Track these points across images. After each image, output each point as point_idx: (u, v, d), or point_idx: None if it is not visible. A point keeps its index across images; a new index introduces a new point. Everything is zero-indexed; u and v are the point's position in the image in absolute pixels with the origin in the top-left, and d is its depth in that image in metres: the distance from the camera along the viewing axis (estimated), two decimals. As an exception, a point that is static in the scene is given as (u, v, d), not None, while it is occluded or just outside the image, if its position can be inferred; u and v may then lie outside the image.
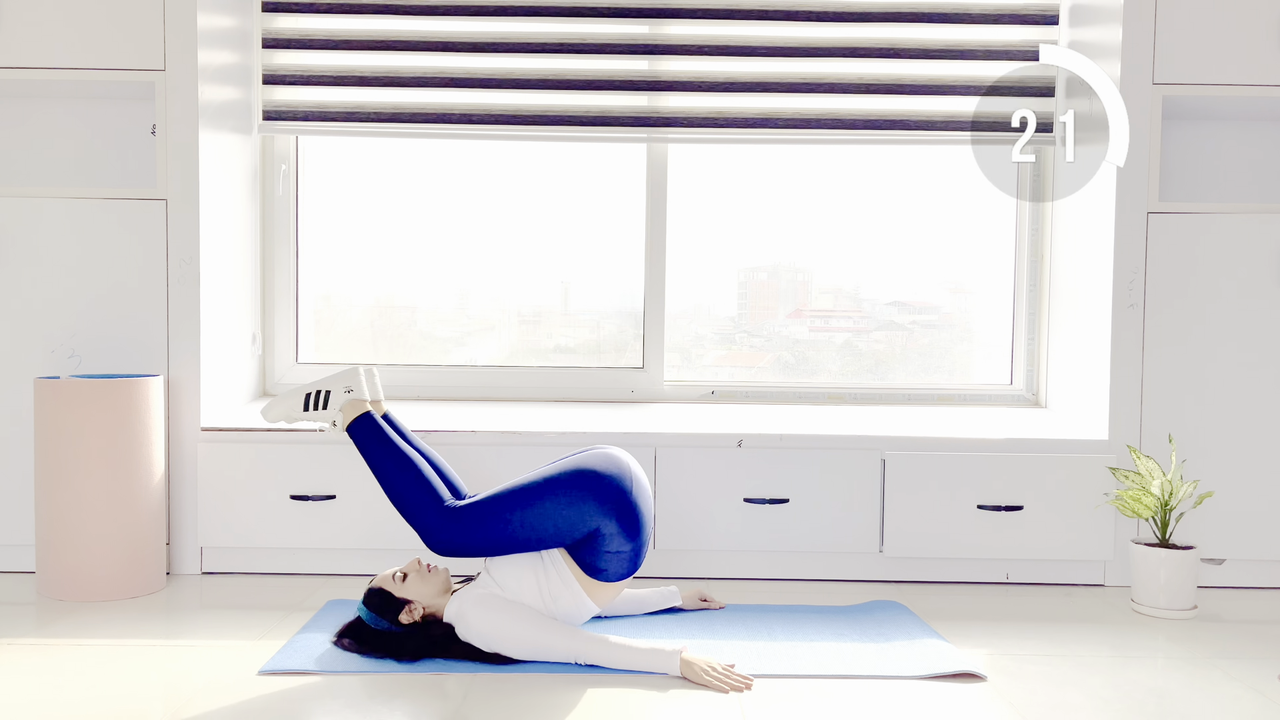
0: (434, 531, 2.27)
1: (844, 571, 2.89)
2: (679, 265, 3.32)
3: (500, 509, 2.23)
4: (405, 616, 2.20)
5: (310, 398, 2.49)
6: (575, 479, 2.21)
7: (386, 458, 2.36)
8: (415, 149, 3.33)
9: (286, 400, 2.50)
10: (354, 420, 2.44)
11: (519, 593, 2.20)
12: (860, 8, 3.13)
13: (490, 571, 2.25)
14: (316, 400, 2.48)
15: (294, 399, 2.50)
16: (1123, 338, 2.85)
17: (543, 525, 2.19)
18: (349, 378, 2.49)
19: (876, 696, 2.03)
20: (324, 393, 2.49)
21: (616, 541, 2.20)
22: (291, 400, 2.50)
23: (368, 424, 2.43)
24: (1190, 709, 2.00)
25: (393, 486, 2.34)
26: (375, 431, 2.41)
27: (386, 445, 2.39)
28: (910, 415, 3.12)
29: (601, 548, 2.20)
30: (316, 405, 2.48)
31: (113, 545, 2.60)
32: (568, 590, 2.21)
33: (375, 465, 2.38)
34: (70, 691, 2.01)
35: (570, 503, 2.19)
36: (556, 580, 2.21)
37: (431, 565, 2.27)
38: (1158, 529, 2.68)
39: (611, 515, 2.19)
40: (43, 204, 2.80)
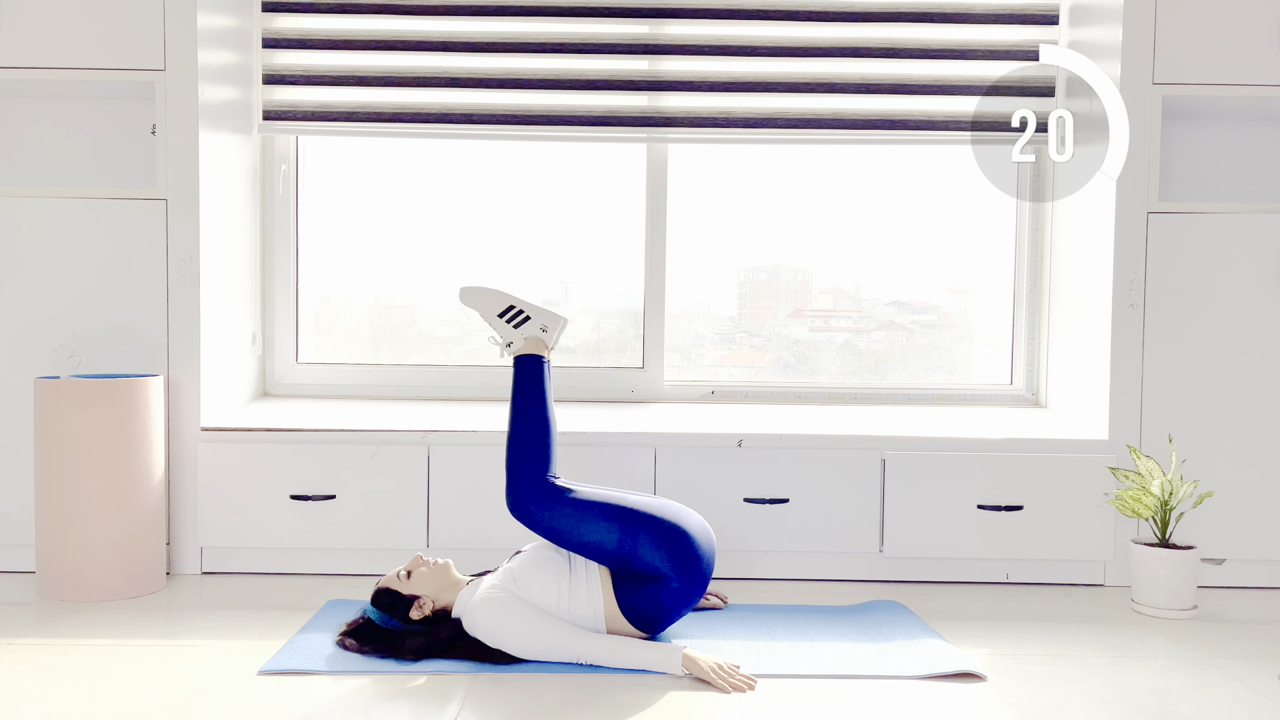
0: (523, 492, 2.30)
1: (844, 571, 2.89)
2: (679, 265, 3.32)
3: (588, 511, 2.25)
4: (415, 612, 2.20)
5: (510, 311, 2.50)
6: (665, 529, 2.24)
7: (533, 406, 2.39)
8: (415, 149, 3.33)
9: (491, 296, 2.51)
10: (531, 355, 2.46)
11: (538, 598, 2.20)
12: (861, 8, 3.13)
13: (514, 571, 2.24)
14: (515, 316, 2.50)
15: (496, 300, 2.51)
16: (1123, 337, 2.85)
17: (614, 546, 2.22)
18: (551, 319, 2.52)
19: (876, 696, 2.03)
20: (524, 315, 2.50)
21: (670, 598, 2.22)
22: (494, 300, 2.51)
23: (538, 366, 2.45)
24: (1190, 709, 2.00)
25: (520, 434, 2.36)
26: (540, 377, 2.44)
27: (540, 395, 2.41)
28: (910, 415, 3.12)
29: (655, 593, 2.21)
30: (511, 320, 2.50)
31: (113, 545, 2.60)
32: (590, 610, 2.21)
33: (519, 407, 2.40)
34: (70, 691, 2.01)
35: (649, 544, 2.21)
36: (583, 597, 2.21)
37: (434, 560, 2.26)
38: (1158, 529, 2.68)
39: (681, 576, 2.22)
40: (43, 204, 2.80)
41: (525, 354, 2.47)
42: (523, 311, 2.50)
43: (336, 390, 3.28)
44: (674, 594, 2.22)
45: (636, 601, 2.21)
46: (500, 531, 2.81)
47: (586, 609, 2.21)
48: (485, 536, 2.81)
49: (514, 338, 2.50)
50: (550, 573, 2.22)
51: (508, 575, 2.23)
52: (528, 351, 2.47)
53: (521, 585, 2.20)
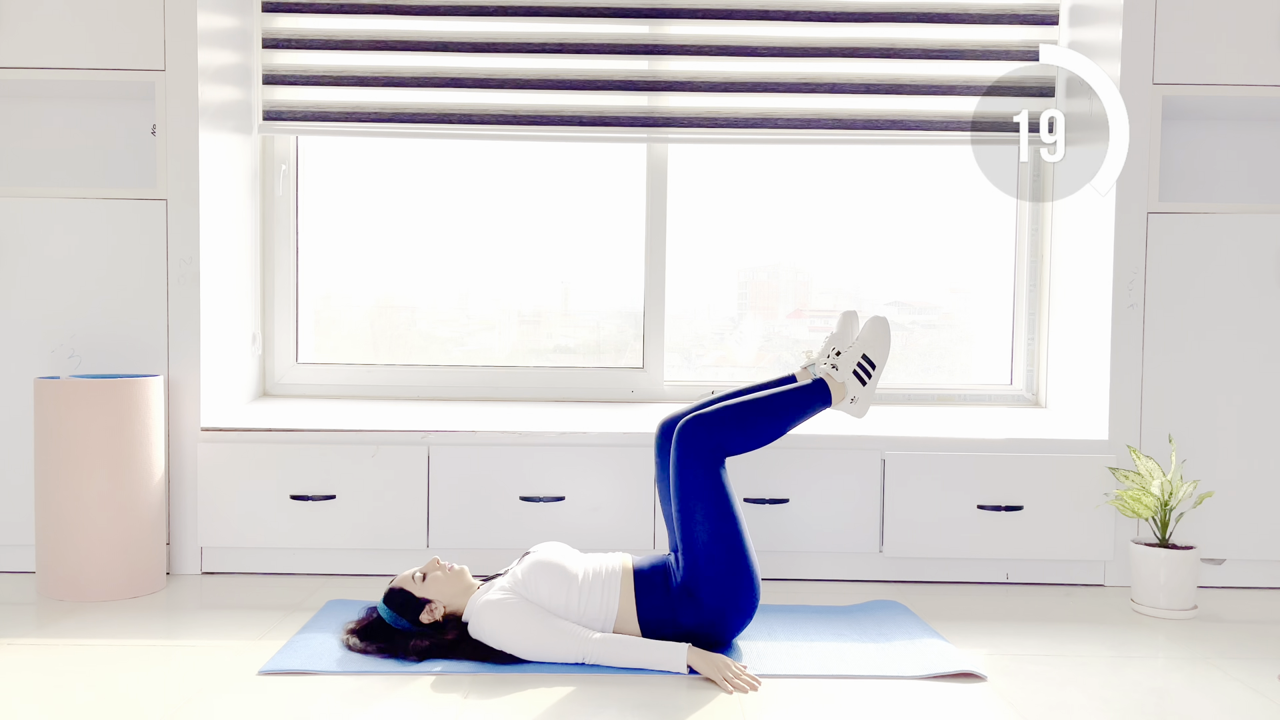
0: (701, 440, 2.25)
1: (844, 571, 2.89)
2: (679, 265, 3.32)
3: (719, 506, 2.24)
4: (426, 616, 2.19)
5: (872, 365, 2.42)
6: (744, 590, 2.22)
7: (782, 420, 2.36)
8: (415, 149, 3.33)
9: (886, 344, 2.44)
10: (828, 392, 2.41)
11: (547, 600, 2.18)
12: (860, 8, 3.13)
13: (522, 575, 2.22)
14: (868, 368, 2.43)
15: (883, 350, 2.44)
16: (1122, 338, 2.85)
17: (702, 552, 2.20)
18: (865, 399, 2.44)
19: (876, 696, 2.03)
20: (872, 376, 2.43)
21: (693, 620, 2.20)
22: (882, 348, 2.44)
23: (820, 405, 2.41)
24: (1190, 709, 2.00)
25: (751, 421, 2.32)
26: (809, 413, 2.40)
27: (793, 421, 2.38)
28: (910, 415, 3.12)
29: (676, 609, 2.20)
30: (862, 367, 2.43)
31: (113, 545, 2.60)
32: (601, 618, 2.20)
33: (775, 410, 2.35)
34: (70, 691, 2.01)
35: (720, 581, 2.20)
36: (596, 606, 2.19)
37: (450, 565, 2.26)
38: (1158, 529, 2.68)
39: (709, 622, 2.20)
40: (43, 204, 2.80)
41: (827, 387, 2.41)
42: (873, 375, 2.42)
43: (336, 390, 3.28)
44: (695, 618, 2.20)
45: (656, 612, 2.20)
46: (500, 532, 2.82)
47: (598, 611, 2.20)
48: (485, 536, 2.81)
49: (845, 374, 2.42)
50: (559, 577, 2.20)
51: (514, 579, 2.23)
52: (832, 386, 2.41)
53: (530, 589, 2.20)
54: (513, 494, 2.83)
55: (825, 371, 2.44)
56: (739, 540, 2.23)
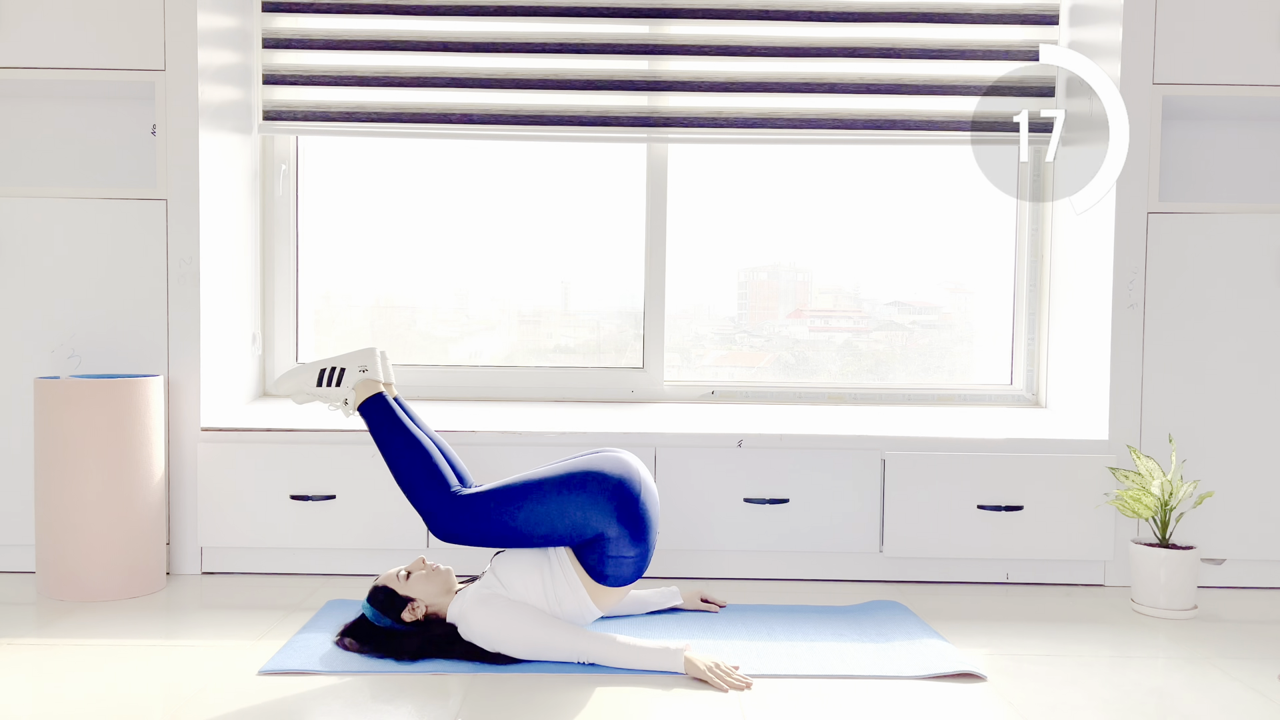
0: (439, 517, 2.26)
1: (844, 571, 2.89)
2: (679, 265, 3.32)
3: (506, 501, 2.22)
4: (408, 614, 2.20)
5: (324, 374, 2.46)
6: (584, 480, 2.20)
7: (397, 440, 2.34)
8: (415, 149, 3.33)
9: (300, 374, 2.48)
10: (367, 400, 2.42)
11: (523, 593, 2.20)
12: (860, 8, 3.13)
13: (495, 571, 2.25)
14: (330, 376, 2.46)
15: (307, 374, 2.47)
16: (1123, 337, 2.85)
17: (548, 522, 2.19)
18: (364, 357, 2.47)
19: (876, 696, 2.03)
20: (338, 370, 2.46)
21: (622, 546, 2.20)
22: (305, 375, 2.47)
23: (380, 404, 2.41)
24: (1190, 709, 2.00)
25: (402, 470, 2.32)
26: (388, 412, 2.39)
27: (398, 427, 2.36)
28: (910, 415, 3.12)
29: (606, 551, 2.20)
30: (330, 382, 2.46)
31: (113, 545, 2.60)
32: (573, 594, 2.21)
33: (386, 447, 2.35)
34: (70, 691, 2.01)
35: (577, 504, 2.18)
36: (562, 583, 2.21)
37: (435, 564, 2.26)
38: (1158, 529, 2.68)
39: (617, 519, 2.19)
40: (43, 204, 2.80)
41: (363, 401, 2.42)
42: (335, 367, 2.46)
43: (336, 390, 3.27)
44: (627, 541, 2.20)
45: (600, 564, 2.21)
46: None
47: (570, 595, 2.21)
48: (485, 536, 2.81)
49: (345, 394, 2.45)
50: (528, 564, 2.22)
51: (491, 578, 2.24)
52: (364, 397, 2.42)
53: (506, 584, 2.21)
54: (513, 494, 2.82)
55: (354, 404, 2.44)
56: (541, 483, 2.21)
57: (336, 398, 2.46)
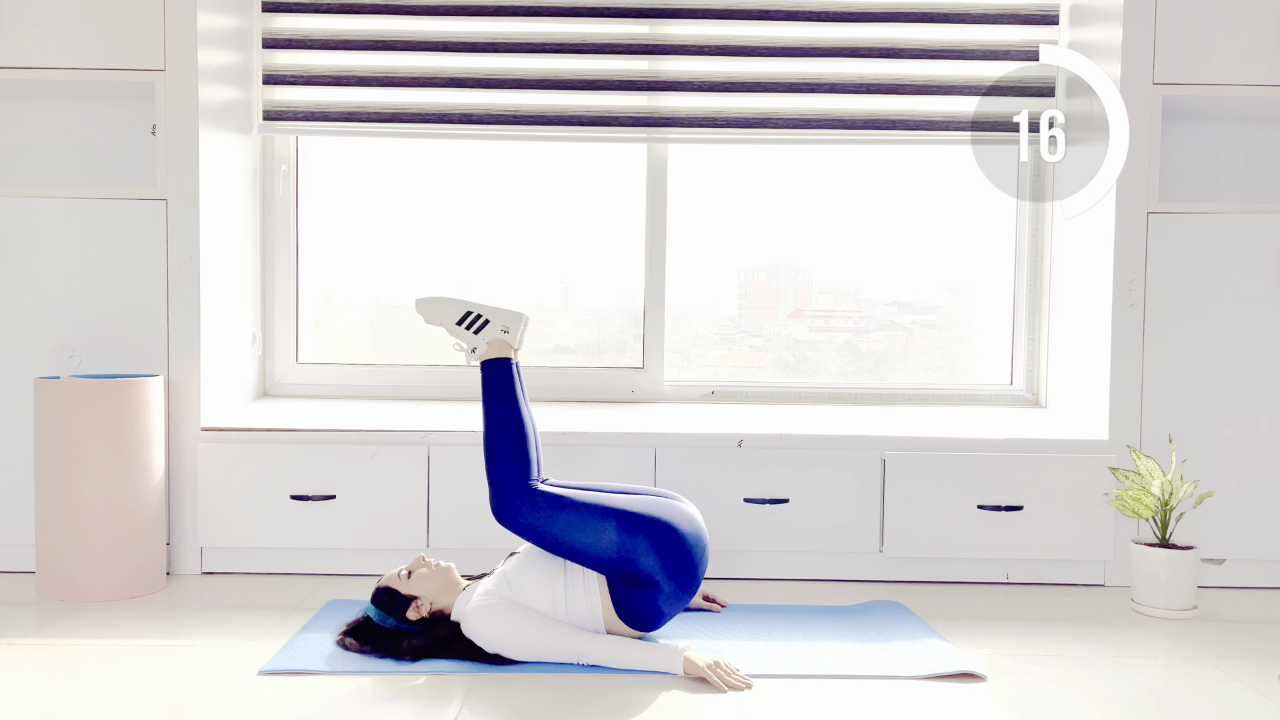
0: (507, 499, 2.26)
1: (844, 571, 2.89)
2: (679, 265, 3.32)
3: (579, 513, 2.22)
4: (413, 613, 2.20)
5: (469, 316, 2.44)
6: (659, 528, 2.20)
7: (506, 410, 2.33)
8: (415, 149, 3.33)
9: (447, 305, 2.45)
10: (496, 359, 2.40)
11: (533, 600, 2.19)
12: (860, 8, 3.13)
13: (507, 575, 2.23)
14: (473, 322, 2.44)
15: (454, 308, 2.45)
16: (1123, 338, 2.85)
17: (609, 551, 2.19)
18: (512, 319, 2.45)
19: (876, 696, 2.03)
20: (483, 319, 2.44)
21: (664, 599, 2.21)
22: (451, 308, 2.45)
23: (505, 369, 2.39)
24: (1190, 709, 2.00)
25: (496, 441, 2.31)
26: (509, 380, 2.38)
27: (511, 397, 2.35)
28: (910, 415, 3.12)
29: (646, 596, 2.20)
30: (471, 326, 2.44)
31: (113, 545, 2.60)
32: (589, 614, 2.20)
33: (491, 412, 2.34)
34: (70, 691, 2.01)
35: (645, 548, 2.18)
36: (580, 604, 2.20)
37: (436, 562, 2.26)
38: (1158, 529, 2.68)
39: (676, 578, 2.20)
40: (43, 204, 2.80)
41: (491, 358, 2.41)
42: (481, 315, 2.45)
43: (336, 390, 3.28)
44: (668, 596, 2.21)
45: (633, 606, 2.21)
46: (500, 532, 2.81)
47: (585, 611, 2.20)
48: (485, 537, 2.80)
49: (477, 343, 2.43)
50: (545, 576, 2.21)
51: (502, 579, 2.23)
52: (493, 355, 2.41)
53: (516, 589, 2.20)
54: (513, 494, 2.82)
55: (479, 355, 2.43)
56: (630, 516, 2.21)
57: (470, 343, 2.44)
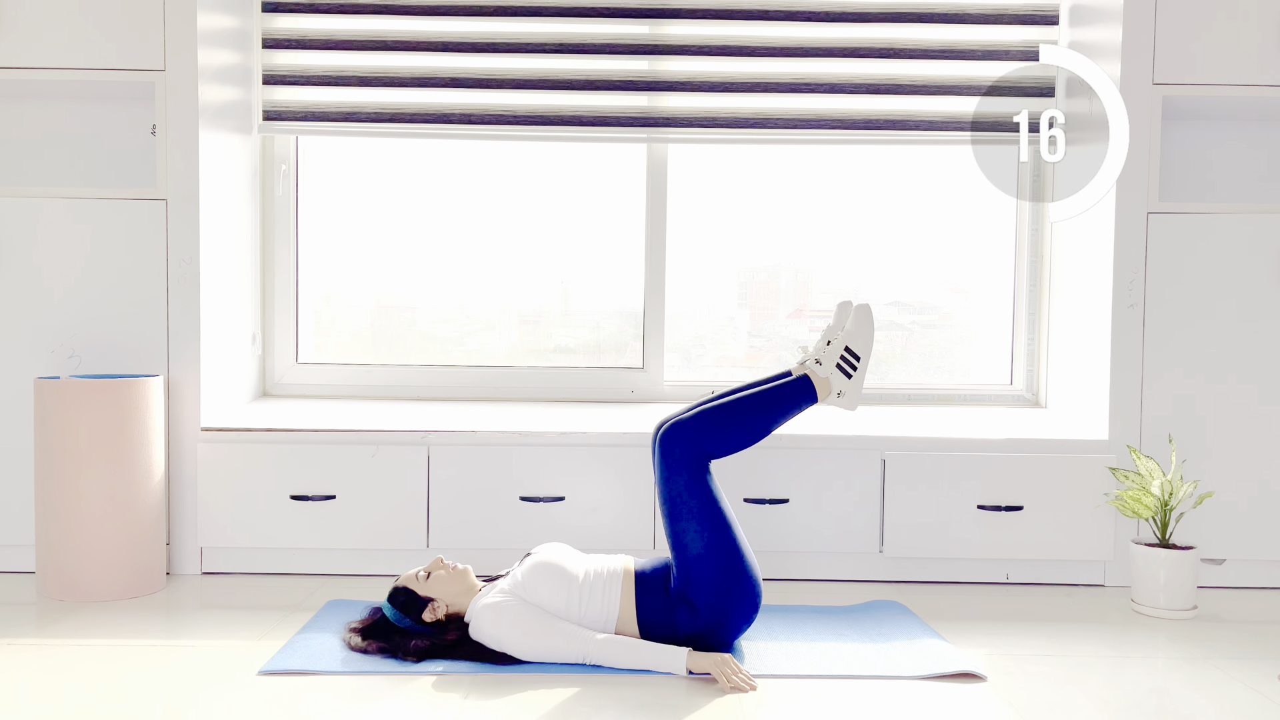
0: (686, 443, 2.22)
1: (844, 571, 2.89)
2: (679, 265, 3.32)
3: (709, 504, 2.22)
4: (429, 615, 2.19)
5: (856, 357, 2.37)
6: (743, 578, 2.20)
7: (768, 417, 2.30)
8: (415, 149, 3.33)
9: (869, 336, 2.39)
10: (812, 387, 2.36)
11: (546, 601, 2.18)
12: (860, 8, 3.13)
13: (523, 578, 2.21)
14: (852, 361, 2.37)
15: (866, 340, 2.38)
16: (1123, 338, 2.85)
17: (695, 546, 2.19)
18: (852, 393, 2.39)
19: (876, 696, 2.03)
20: (856, 370, 2.38)
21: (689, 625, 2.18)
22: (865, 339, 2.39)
23: (806, 400, 2.35)
24: (1190, 709, 2.00)
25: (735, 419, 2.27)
26: (796, 409, 2.34)
27: (780, 418, 2.32)
28: (910, 415, 3.12)
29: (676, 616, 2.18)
30: (846, 360, 2.38)
31: (113, 545, 2.60)
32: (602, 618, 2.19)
33: (760, 406, 2.29)
34: (70, 691, 2.01)
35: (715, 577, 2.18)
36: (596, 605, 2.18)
37: (454, 564, 2.26)
38: (1158, 529, 2.68)
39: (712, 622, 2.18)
40: (43, 204, 2.80)
41: (811, 383, 2.38)
42: (859, 369, 2.37)
43: (336, 390, 3.28)
44: (693, 624, 2.19)
45: (655, 615, 2.19)
46: (500, 532, 2.82)
47: (599, 613, 2.19)
48: (485, 537, 2.82)
49: (828, 369, 2.37)
50: (559, 584, 2.19)
51: (515, 580, 2.22)
52: (816, 382, 2.37)
53: (530, 591, 2.19)
54: (513, 494, 2.83)
55: (810, 368, 2.41)
56: (733, 545, 2.21)
57: (826, 362, 2.38)
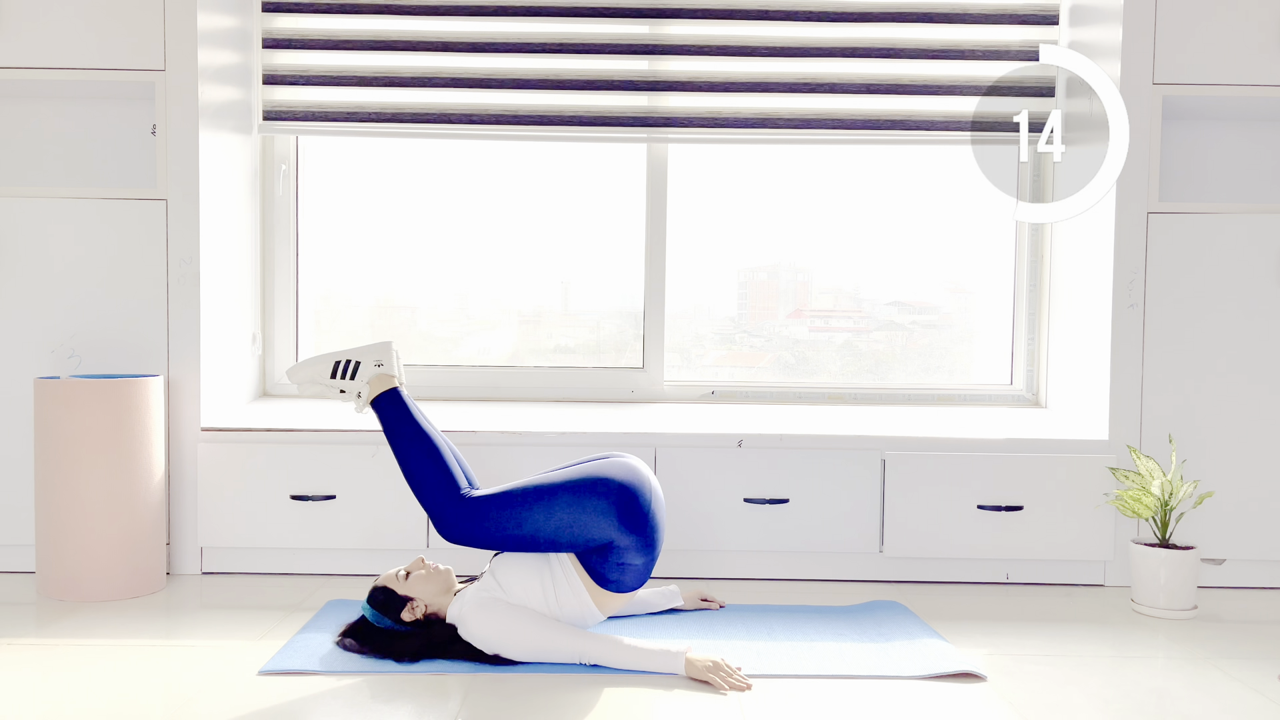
0: (447, 518, 2.25)
1: (844, 571, 2.89)
2: (679, 265, 3.32)
3: (516, 504, 2.20)
4: (408, 614, 2.20)
5: (339, 366, 2.43)
6: (595, 486, 2.19)
7: (411, 437, 2.32)
8: (415, 149, 3.33)
9: (314, 365, 2.45)
10: (382, 394, 2.39)
11: (523, 597, 2.19)
12: (860, 8, 3.13)
13: (495, 574, 2.24)
14: (345, 369, 2.43)
15: (322, 365, 2.44)
16: (1123, 338, 2.85)
17: (557, 528, 2.17)
18: (380, 352, 2.44)
19: (876, 696, 2.03)
20: (353, 363, 2.43)
21: (630, 554, 2.19)
22: (319, 365, 2.44)
23: (395, 400, 2.38)
24: (1190, 709, 2.00)
25: (413, 468, 2.30)
26: (402, 409, 2.37)
27: (412, 424, 2.34)
28: (910, 415, 3.12)
29: (614, 559, 2.19)
30: (344, 375, 2.43)
31: (113, 545, 2.60)
32: (575, 598, 2.20)
33: (398, 444, 2.33)
34: (70, 691, 2.01)
35: (588, 510, 2.16)
36: (565, 587, 2.20)
37: (434, 564, 2.26)
38: (1158, 529, 2.68)
39: (627, 528, 2.17)
40: (43, 204, 2.80)
41: (378, 394, 2.40)
42: (350, 360, 2.44)
43: (336, 390, 3.27)
44: (632, 549, 2.19)
45: (606, 571, 2.20)
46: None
47: (572, 600, 2.20)
48: (485, 536, 2.81)
49: (360, 387, 2.42)
50: (530, 569, 2.21)
51: (490, 580, 2.23)
52: (379, 391, 2.40)
53: (506, 588, 2.20)
54: (513, 494, 2.82)
55: (367, 398, 2.41)
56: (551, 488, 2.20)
57: (350, 389, 2.43)
